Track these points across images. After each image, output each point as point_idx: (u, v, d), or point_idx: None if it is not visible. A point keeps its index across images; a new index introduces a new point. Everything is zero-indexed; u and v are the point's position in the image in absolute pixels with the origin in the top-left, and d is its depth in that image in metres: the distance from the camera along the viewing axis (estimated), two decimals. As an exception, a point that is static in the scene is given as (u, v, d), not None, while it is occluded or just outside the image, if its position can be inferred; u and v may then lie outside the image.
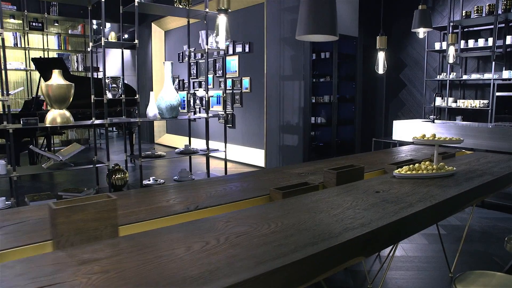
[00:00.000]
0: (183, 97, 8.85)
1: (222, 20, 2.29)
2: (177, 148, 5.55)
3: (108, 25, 12.43)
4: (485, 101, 5.53)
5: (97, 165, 4.36)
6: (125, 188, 4.84)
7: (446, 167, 2.21)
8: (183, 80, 8.90)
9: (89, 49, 9.39)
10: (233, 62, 7.21)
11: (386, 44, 2.98)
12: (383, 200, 1.65)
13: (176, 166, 6.78)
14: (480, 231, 3.42)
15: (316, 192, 1.85)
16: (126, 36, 11.78)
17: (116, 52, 15.25)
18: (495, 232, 3.38)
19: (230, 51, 7.21)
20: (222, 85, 7.48)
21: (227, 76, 7.37)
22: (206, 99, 4.98)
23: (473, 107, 5.59)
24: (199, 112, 8.30)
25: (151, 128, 10.30)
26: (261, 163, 6.46)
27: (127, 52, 13.49)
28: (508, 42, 5.14)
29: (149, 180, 5.04)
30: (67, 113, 3.83)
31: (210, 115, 5.17)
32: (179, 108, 4.97)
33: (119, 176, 4.73)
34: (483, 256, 2.97)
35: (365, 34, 6.38)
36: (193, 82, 8.47)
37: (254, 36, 6.59)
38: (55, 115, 3.76)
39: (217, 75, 7.64)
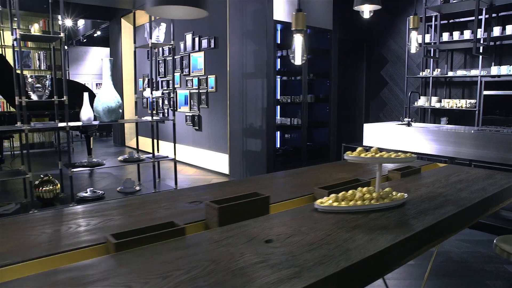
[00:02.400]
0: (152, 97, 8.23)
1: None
2: (147, 152, 4.92)
3: (81, 21, 11.80)
4: (473, 101, 4.91)
5: (16, 177, 3.73)
6: (56, 202, 4.21)
7: (393, 194, 1.59)
8: (152, 79, 8.26)
9: (52, 46, 8.77)
10: (199, 59, 6.59)
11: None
12: (262, 262, 1.03)
13: (145, 172, 6.22)
14: (457, 260, 2.79)
15: (180, 240, 1.23)
16: (98, 32, 11.15)
17: (97, 51, 14.65)
18: (474, 262, 2.76)
19: (196, 47, 6.59)
20: (189, 84, 6.86)
21: (193, 74, 6.75)
22: (151, 100, 4.36)
23: (458, 107, 4.97)
24: (167, 114, 7.68)
25: (123, 130, 9.68)
26: (226, 170, 5.84)
27: (106, 50, 12.89)
28: (496, 34, 4.53)
29: (86, 192, 4.41)
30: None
31: (157, 118, 4.55)
32: (120, 111, 4.35)
33: (48, 188, 4.10)
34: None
35: (341, 27, 5.76)
36: (161, 81, 7.85)
37: (219, 30, 5.97)
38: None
39: (184, 73, 7.01)
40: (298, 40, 1.71)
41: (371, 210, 1.47)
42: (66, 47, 13.75)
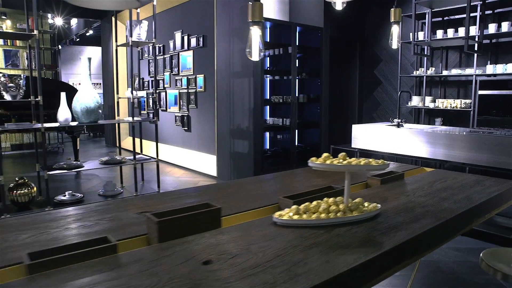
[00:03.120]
0: (143, 97, 8.07)
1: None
2: (138, 153, 4.73)
3: (74, 20, 11.64)
4: (468, 101, 4.73)
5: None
6: (32, 205, 4.05)
7: (364, 205, 1.42)
8: (143, 78, 8.11)
9: (42, 46, 8.61)
10: (188, 58, 6.41)
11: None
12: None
13: (152, 173, 6.07)
14: (446, 270, 2.61)
15: (109, 259, 1.06)
16: (91, 32, 10.98)
17: (91, 51, 14.49)
18: (464, 273, 2.58)
19: (185, 46, 6.42)
20: (179, 84, 6.69)
21: (182, 74, 6.58)
22: (131, 101, 4.19)
23: (453, 107, 4.80)
24: (157, 114, 7.50)
25: (115, 131, 9.50)
26: (214, 172, 5.66)
27: (99, 50, 12.73)
28: (491, 31, 4.35)
29: (64, 196, 4.24)
30: None
31: (138, 118, 4.39)
32: (100, 111, 4.18)
33: (23, 191, 3.93)
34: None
35: (332, 24, 5.59)
36: (151, 81, 7.68)
37: (207, 28, 5.80)
38: None
39: (173, 72, 6.84)
40: (255, 33, 1.54)
41: (336, 225, 1.29)
42: (59, 47, 13.55)
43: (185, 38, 6.39)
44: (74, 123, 4.08)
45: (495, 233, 3.03)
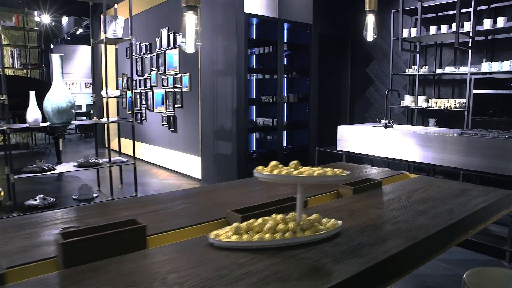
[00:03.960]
0: (130, 97, 7.85)
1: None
2: (127, 154, 4.53)
3: (65, 19, 11.43)
4: (462, 101, 4.51)
5: None
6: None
7: (321, 222, 1.20)
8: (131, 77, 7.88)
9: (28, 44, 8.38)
10: (175, 57, 6.19)
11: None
12: None
13: (127, 176, 5.88)
14: (432, 285, 2.39)
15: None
16: (81, 30, 10.76)
17: (85, 50, 14.28)
18: None
19: (171, 44, 6.20)
20: (165, 83, 6.47)
21: (168, 73, 6.36)
22: (106, 100, 3.97)
23: (447, 107, 4.57)
24: (144, 114, 7.29)
25: (103, 131, 9.28)
26: (199, 175, 5.44)
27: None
28: (486, 27, 4.12)
29: (35, 200, 4.03)
30: None
31: (114, 119, 4.17)
32: (72, 111, 3.97)
33: (-11, 196, 3.72)
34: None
35: (322, 21, 5.37)
36: (139, 80, 7.46)
37: (193, 25, 5.57)
38: None
39: (160, 71, 6.62)
40: (190, 21, 1.30)
41: (282, 247, 1.07)
42: (51, 46, 13.33)
43: (171, 35, 6.18)
44: (45, 124, 3.87)
45: (487, 243, 2.81)
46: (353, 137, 3.58)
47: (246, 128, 4.60)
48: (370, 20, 1.88)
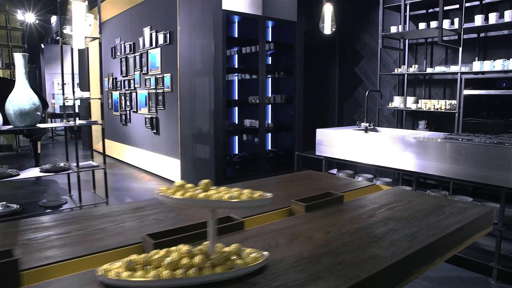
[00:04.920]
0: (117, 97, 7.65)
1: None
2: (112, 157, 4.31)
3: (54, 18, 11.22)
4: (453, 102, 4.27)
5: None
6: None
7: (241, 255, 0.96)
8: (116, 78, 7.67)
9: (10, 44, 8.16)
10: (157, 57, 5.96)
11: None
12: None
13: (117, 178, 5.68)
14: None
15: None
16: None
17: (78, 50, 14.04)
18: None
19: (153, 43, 5.97)
20: (148, 84, 6.25)
21: (151, 73, 6.13)
22: (72, 103, 3.75)
23: (437, 109, 4.33)
24: (129, 115, 7.06)
25: (90, 133, 9.06)
26: (178, 179, 5.21)
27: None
28: (477, 23, 3.88)
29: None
30: None
31: (83, 122, 3.95)
32: (37, 114, 3.73)
33: None
34: None
35: (308, 18, 5.13)
36: (123, 80, 7.24)
37: (172, 24, 5.34)
38: None
39: (143, 71, 6.40)
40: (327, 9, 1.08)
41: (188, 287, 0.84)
42: (42, 45, 13.13)
43: (153, 34, 5.95)
44: (7, 127, 3.64)
45: (473, 259, 2.56)
46: (332, 141, 3.34)
47: (225, 131, 4.36)
48: (327, 10, 1.64)
